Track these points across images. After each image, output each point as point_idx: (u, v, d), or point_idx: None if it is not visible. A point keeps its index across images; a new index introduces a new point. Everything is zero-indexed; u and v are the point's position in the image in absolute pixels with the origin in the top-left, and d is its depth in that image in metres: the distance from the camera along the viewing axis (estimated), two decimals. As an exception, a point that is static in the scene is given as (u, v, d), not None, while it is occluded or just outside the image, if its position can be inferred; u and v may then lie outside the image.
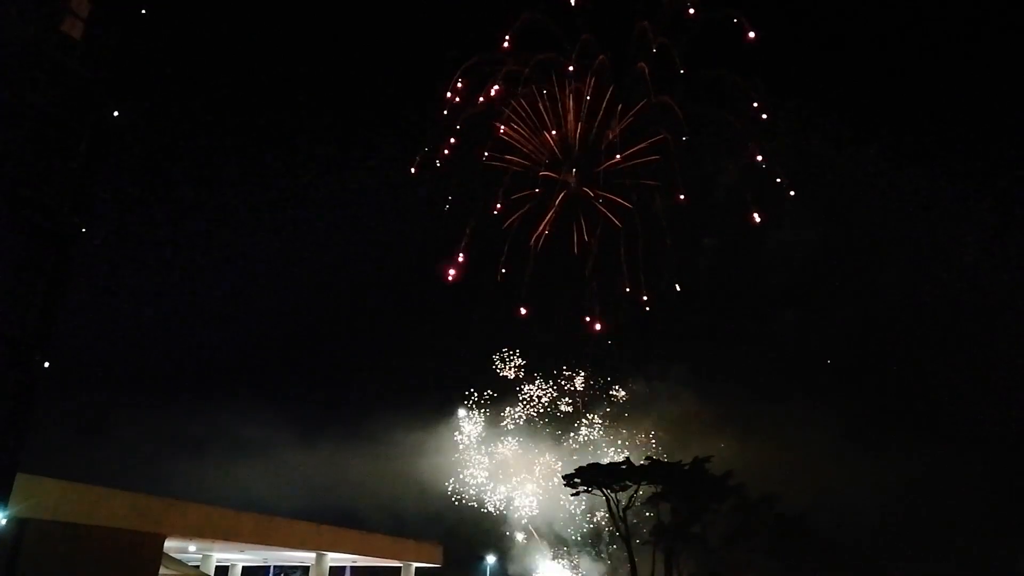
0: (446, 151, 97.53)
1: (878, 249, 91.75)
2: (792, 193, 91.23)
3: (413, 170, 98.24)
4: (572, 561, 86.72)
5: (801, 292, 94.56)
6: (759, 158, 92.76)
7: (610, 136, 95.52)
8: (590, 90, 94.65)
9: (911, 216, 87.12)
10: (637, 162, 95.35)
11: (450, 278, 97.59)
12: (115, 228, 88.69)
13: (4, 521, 27.72)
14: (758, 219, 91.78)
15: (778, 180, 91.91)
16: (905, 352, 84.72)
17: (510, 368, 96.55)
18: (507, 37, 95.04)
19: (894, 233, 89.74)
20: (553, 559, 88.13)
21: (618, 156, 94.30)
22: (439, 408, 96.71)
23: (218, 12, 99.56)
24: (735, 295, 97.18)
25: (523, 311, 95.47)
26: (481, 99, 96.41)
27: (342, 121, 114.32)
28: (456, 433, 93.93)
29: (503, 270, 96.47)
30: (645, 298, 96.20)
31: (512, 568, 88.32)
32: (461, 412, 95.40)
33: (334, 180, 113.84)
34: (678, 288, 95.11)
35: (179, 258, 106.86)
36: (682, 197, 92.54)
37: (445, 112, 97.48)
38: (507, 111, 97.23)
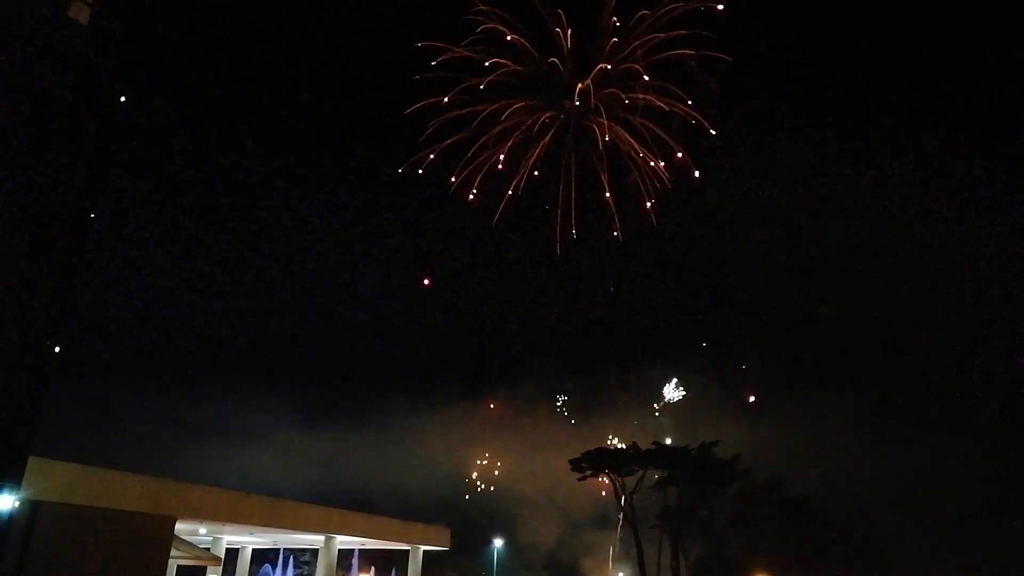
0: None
1: (913, 247, 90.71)
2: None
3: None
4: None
5: (834, 290, 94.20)
6: None
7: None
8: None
9: (949, 217, 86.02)
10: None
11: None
12: (123, 215, 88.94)
13: (17, 503, 28.06)
14: None
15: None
16: (923, 346, 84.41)
17: None
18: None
19: (930, 232, 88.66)
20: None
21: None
22: (448, 392, 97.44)
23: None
24: (771, 290, 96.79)
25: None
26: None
27: (343, 115, 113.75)
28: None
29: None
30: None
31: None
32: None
33: (342, 168, 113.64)
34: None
35: (187, 244, 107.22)
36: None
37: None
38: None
